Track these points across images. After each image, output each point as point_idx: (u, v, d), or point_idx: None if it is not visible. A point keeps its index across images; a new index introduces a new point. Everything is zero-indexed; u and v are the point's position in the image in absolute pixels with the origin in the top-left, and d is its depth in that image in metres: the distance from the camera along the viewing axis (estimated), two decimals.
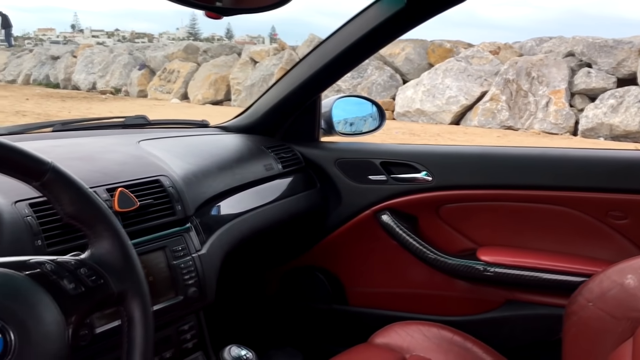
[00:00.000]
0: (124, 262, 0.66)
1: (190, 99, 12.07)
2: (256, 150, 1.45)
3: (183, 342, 1.01)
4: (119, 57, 14.60)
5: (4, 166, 0.60)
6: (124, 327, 0.65)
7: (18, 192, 0.84)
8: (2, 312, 0.52)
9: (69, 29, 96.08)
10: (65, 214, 0.65)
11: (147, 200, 0.99)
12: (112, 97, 13.21)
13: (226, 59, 12.45)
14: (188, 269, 1.00)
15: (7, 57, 17.90)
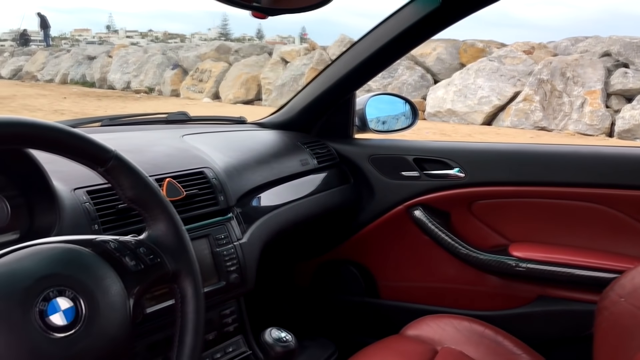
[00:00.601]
0: (178, 243, 0.71)
1: (222, 99, 12.24)
2: (292, 146, 1.50)
3: (225, 325, 1.06)
4: (152, 57, 14.89)
5: (73, 152, 0.66)
6: (177, 303, 0.71)
7: (76, 180, 0.90)
8: (74, 283, 0.58)
9: (104, 30, 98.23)
10: (126, 198, 0.70)
11: (193, 191, 1.04)
12: (145, 96, 13.49)
13: (257, 58, 12.58)
14: (230, 256, 1.05)
15: (45, 57, 18.44)
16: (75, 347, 0.55)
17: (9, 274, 0.55)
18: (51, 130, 0.64)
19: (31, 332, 0.53)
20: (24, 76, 18.25)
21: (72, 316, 0.56)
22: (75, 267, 0.59)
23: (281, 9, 0.89)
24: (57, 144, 0.64)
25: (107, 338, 0.58)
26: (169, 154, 1.12)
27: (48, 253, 0.59)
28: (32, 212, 0.84)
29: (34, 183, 0.83)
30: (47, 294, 0.55)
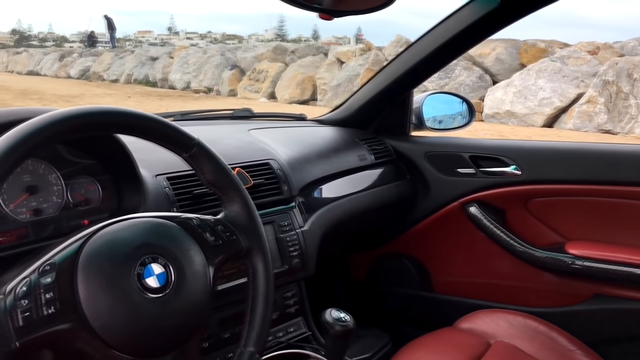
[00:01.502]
0: (251, 223, 0.79)
1: (278, 99, 12.44)
2: (351, 142, 1.56)
3: (287, 307, 1.13)
4: (211, 58, 15.31)
5: (163, 139, 0.74)
6: (249, 278, 0.78)
7: (158, 167, 1.00)
8: (165, 252, 0.66)
9: (166, 31, 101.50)
10: (206, 181, 0.78)
11: (259, 180, 1.12)
12: (204, 95, 13.89)
13: (313, 59, 12.71)
14: (292, 242, 1.12)
15: (111, 58, 19.28)
16: (166, 306, 0.63)
17: (113, 242, 0.64)
18: (146, 119, 0.72)
19: (131, 291, 0.61)
20: (91, 76, 19.14)
21: (163, 280, 0.64)
22: (166, 238, 0.68)
23: (345, 10, 0.95)
24: (150, 131, 0.73)
25: (192, 302, 0.66)
26: (238, 146, 1.20)
27: (144, 225, 0.68)
28: (121, 195, 0.94)
29: (123, 169, 0.93)
30: (144, 259, 0.64)
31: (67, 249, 0.61)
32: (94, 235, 0.63)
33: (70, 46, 41.84)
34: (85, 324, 0.58)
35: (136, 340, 0.61)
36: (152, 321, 0.62)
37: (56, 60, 21.78)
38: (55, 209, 0.88)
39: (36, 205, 0.86)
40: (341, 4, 0.95)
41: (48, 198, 0.88)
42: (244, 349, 0.73)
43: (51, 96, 12.74)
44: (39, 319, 0.56)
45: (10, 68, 24.00)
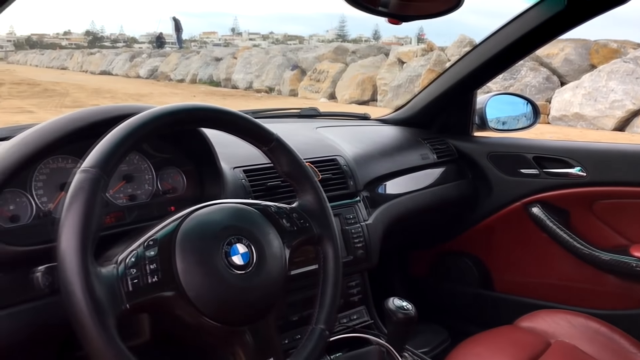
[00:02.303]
0: (322, 213, 0.85)
1: (337, 99, 12.53)
2: (413, 141, 1.60)
3: (350, 295, 1.20)
4: (273, 58, 15.60)
5: (245, 133, 0.82)
6: (320, 263, 0.85)
7: (235, 160, 1.09)
8: (248, 234, 0.74)
9: (229, 32, 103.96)
10: (283, 173, 0.86)
11: (327, 175, 1.19)
12: (266, 95, 14.18)
13: (374, 59, 12.72)
14: (357, 234, 1.18)
15: (177, 59, 20.02)
16: (249, 282, 0.71)
17: (204, 223, 0.72)
18: (232, 115, 0.80)
19: (220, 266, 0.69)
20: (159, 76, 19.94)
21: (246, 259, 0.72)
22: (249, 222, 0.76)
23: (413, 15, 0.99)
24: (235, 126, 0.81)
25: (271, 280, 0.74)
26: (307, 143, 1.28)
27: (230, 210, 0.76)
28: (202, 184, 1.03)
29: (205, 161, 1.02)
30: (230, 239, 0.72)
31: (166, 227, 0.70)
32: (189, 217, 0.72)
33: (139, 47, 43.63)
34: (182, 293, 0.66)
35: (223, 310, 0.69)
36: (237, 294, 0.70)
37: (127, 61, 22.83)
38: (147, 196, 0.99)
39: (131, 191, 0.97)
40: (408, 9, 0.99)
41: (141, 186, 0.98)
42: (315, 327, 0.80)
43: (122, 95, 13.38)
44: (144, 286, 0.65)
45: (85, 68, 25.35)
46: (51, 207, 0.88)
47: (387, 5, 0.95)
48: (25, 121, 1.11)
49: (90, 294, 0.59)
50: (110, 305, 0.61)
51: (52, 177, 0.89)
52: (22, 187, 0.85)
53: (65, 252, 0.60)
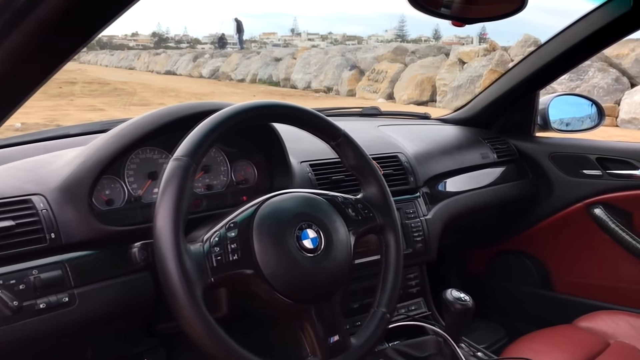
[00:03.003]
0: (385, 204, 0.91)
1: (396, 99, 12.47)
2: (474, 140, 1.62)
3: (409, 287, 1.25)
4: (332, 58, 15.69)
5: (315, 128, 0.89)
6: (381, 251, 0.90)
7: (302, 155, 1.16)
8: (317, 221, 0.80)
9: (288, 33, 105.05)
10: (349, 166, 0.92)
11: (388, 170, 1.24)
12: (324, 95, 14.29)
13: (433, 59, 12.58)
14: (417, 228, 1.23)
15: (238, 59, 20.46)
16: (317, 264, 0.78)
17: (278, 209, 0.79)
18: (304, 112, 0.87)
19: (292, 248, 0.76)
20: (220, 76, 20.46)
21: (316, 243, 0.79)
22: (318, 210, 0.82)
23: (476, 17, 1.02)
24: (307, 122, 0.88)
25: (337, 263, 0.80)
26: (369, 140, 1.33)
27: (301, 198, 0.83)
28: (272, 176, 1.11)
29: (275, 155, 1.10)
30: (301, 225, 0.79)
31: (245, 212, 0.78)
32: (264, 203, 0.79)
33: (202, 48, 44.89)
34: (259, 271, 0.74)
35: (294, 288, 0.76)
36: (307, 274, 0.76)
37: (190, 61, 23.54)
38: (222, 186, 1.07)
39: (208, 181, 1.06)
40: (471, 12, 1.02)
41: (217, 176, 1.07)
42: (377, 309, 0.86)
43: (186, 94, 13.84)
44: (226, 263, 0.72)
45: (151, 68, 26.33)
46: (140, 193, 0.98)
47: (450, 8, 0.99)
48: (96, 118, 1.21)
49: (181, 266, 0.67)
50: (198, 278, 0.69)
51: (142, 166, 0.99)
52: (117, 175, 0.95)
53: (161, 230, 0.69)
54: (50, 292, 0.80)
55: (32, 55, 0.57)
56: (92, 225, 0.86)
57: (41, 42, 0.55)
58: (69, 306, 0.81)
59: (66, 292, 0.82)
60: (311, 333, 0.77)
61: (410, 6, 0.97)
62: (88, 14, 0.54)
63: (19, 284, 0.78)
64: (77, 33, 0.57)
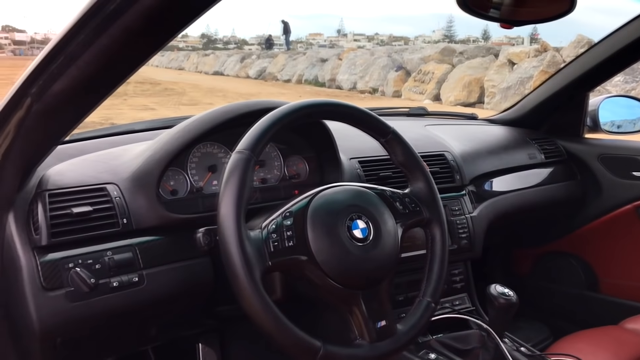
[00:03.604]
0: (432, 199, 0.95)
1: (442, 100, 12.35)
2: (521, 141, 1.63)
3: (453, 282, 1.28)
4: (378, 59, 15.66)
5: (366, 126, 0.94)
6: (427, 244, 0.94)
7: (352, 152, 1.21)
8: (367, 212, 0.85)
9: (335, 34, 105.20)
10: (397, 162, 0.96)
11: (435, 168, 1.28)
12: (369, 96, 14.28)
13: (482, 60, 12.38)
14: (462, 225, 1.26)
15: (285, 60, 20.68)
16: (366, 253, 0.82)
17: (331, 201, 0.84)
18: (356, 110, 0.92)
19: (343, 237, 0.81)
20: (266, 76, 20.73)
21: (365, 233, 0.83)
22: (368, 202, 0.87)
23: (526, 20, 1.04)
24: (358, 119, 0.93)
25: (385, 253, 0.84)
26: (416, 139, 1.37)
27: (352, 191, 0.88)
28: (323, 172, 1.17)
29: (326, 151, 1.15)
30: (352, 216, 0.83)
31: (300, 202, 0.83)
32: (318, 195, 0.85)
33: (249, 48, 45.56)
34: (312, 258, 0.79)
35: (344, 274, 0.80)
36: (357, 262, 0.81)
37: (238, 62, 23.96)
38: (276, 180, 1.14)
39: (263, 175, 1.12)
40: (520, 14, 1.04)
41: (271, 171, 1.14)
42: (422, 299, 0.90)
43: (233, 94, 14.12)
44: (283, 249, 0.78)
45: (200, 69, 26.93)
46: (202, 185, 1.05)
47: (499, 10, 1.01)
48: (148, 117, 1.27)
49: (243, 250, 0.74)
50: (257, 261, 0.75)
51: (203, 160, 1.06)
52: (181, 167, 1.03)
53: (224, 216, 0.75)
54: (122, 272, 0.88)
55: (114, 58, 0.64)
56: (159, 213, 0.94)
57: (124, 46, 0.62)
58: (138, 285, 0.89)
59: (136, 273, 0.90)
60: (359, 317, 0.82)
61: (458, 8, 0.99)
62: (167, 19, 0.61)
63: (95, 263, 0.86)
64: (155, 38, 0.64)
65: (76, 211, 0.88)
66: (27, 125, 0.73)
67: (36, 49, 71.38)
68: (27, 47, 72.68)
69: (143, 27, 0.59)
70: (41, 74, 0.67)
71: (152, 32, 0.61)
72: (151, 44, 0.64)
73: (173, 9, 0.58)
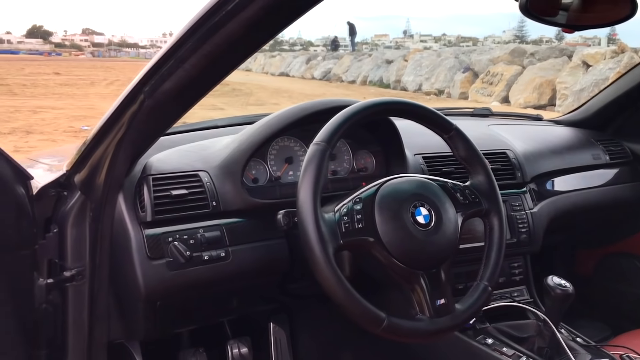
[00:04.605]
0: (491, 191, 1.02)
1: (511, 103, 12.06)
2: (585, 142, 1.66)
3: (512, 275, 1.34)
4: (445, 60, 15.46)
5: (431, 123, 1.02)
6: (486, 232, 1.01)
7: (416, 148, 1.29)
8: (429, 201, 0.94)
9: (401, 35, 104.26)
10: (459, 157, 1.04)
11: (496, 165, 1.34)
12: (435, 98, 14.14)
13: (554, 62, 11.99)
14: (522, 220, 1.32)
15: (350, 61, 20.78)
16: (428, 237, 0.91)
17: (397, 189, 0.94)
18: (422, 108, 1.01)
19: (408, 222, 0.90)
20: (331, 78, 20.91)
21: (427, 220, 0.92)
22: (430, 192, 0.95)
23: (587, 25, 1.08)
24: (423, 117, 1.01)
25: (445, 238, 0.93)
26: (479, 137, 1.43)
27: (416, 181, 0.97)
28: (389, 166, 1.26)
29: (393, 146, 1.24)
30: (415, 203, 0.92)
31: (369, 190, 0.93)
32: (385, 184, 0.94)
33: (314, 50, 45.98)
34: (379, 239, 0.89)
35: (408, 255, 0.89)
36: (419, 244, 0.90)
37: (303, 63, 24.30)
38: (345, 172, 1.24)
39: (334, 167, 1.23)
40: (585, 19, 1.08)
41: (342, 164, 1.24)
42: (479, 282, 0.97)
43: (299, 95, 14.37)
44: (353, 230, 0.88)
45: (266, 70, 27.52)
46: (279, 174, 1.17)
47: (564, 16, 1.06)
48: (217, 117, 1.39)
49: (318, 229, 0.84)
50: (331, 239, 0.85)
51: (280, 152, 1.18)
52: (262, 158, 1.16)
53: (303, 200, 0.86)
54: (212, 247, 1.02)
55: (215, 62, 0.75)
56: (243, 197, 1.07)
57: (224, 51, 0.74)
58: (225, 260, 1.02)
59: (223, 249, 1.03)
60: (420, 295, 0.90)
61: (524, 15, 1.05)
62: (262, 28, 0.72)
63: (190, 239, 1.00)
64: (250, 44, 0.75)
65: (174, 193, 1.02)
66: (138, 119, 0.86)
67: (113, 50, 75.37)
68: (104, 49, 76.62)
69: (241, 35, 0.70)
70: (154, 75, 0.79)
71: (248, 39, 0.73)
72: (247, 49, 0.75)
73: (268, 20, 0.69)
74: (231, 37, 0.70)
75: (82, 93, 13.50)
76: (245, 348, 1.41)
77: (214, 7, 0.67)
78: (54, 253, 0.98)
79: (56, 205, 0.99)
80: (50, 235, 0.97)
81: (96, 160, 0.92)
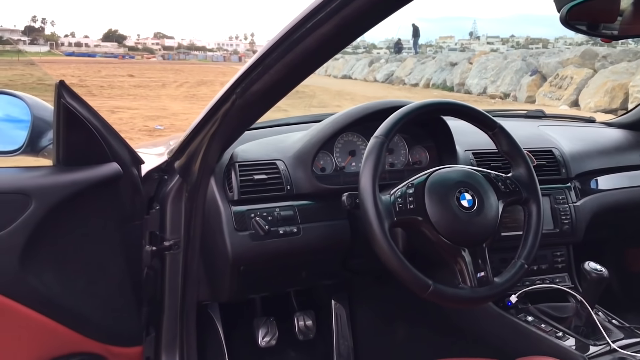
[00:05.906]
0: (531, 181, 1.16)
1: (581, 107, 11.70)
2: (634, 143, 1.74)
3: (555, 262, 1.45)
4: (511, 63, 15.16)
5: (477, 121, 1.17)
6: (525, 218, 1.15)
7: (466, 145, 1.43)
8: (473, 188, 1.09)
9: (467, 36, 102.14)
10: (502, 151, 1.18)
11: (542, 162, 1.46)
12: (500, 101, 13.89)
13: (628, 65, 11.53)
14: (565, 212, 1.44)
15: (413, 63, 20.70)
16: (471, 218, 1.06)
17: (445, 177, 1.09)
18: (469, 108, 1.16)
19: (453, 205, 1.06)
20: (394, 80, 20.91)
21: (471, 204, 1.07)
22: (475, 181, 1.10)
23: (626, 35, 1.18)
24: (470, 116, 1.17)
25: (486, 220, 1.07)
26: (526, 136, 1.55)
27: (462, 171, 1.12)
28: (441, 160, 1.41)
29: (445, 142, 1.40)
30: (460, 189, 1.08)
31: (420, 177, 1.10)
32: (434, 172, 1.10)
33: (377, 52, 45.90)
34: (428, 219, 1.05)
35: (453, 233, 1.05)
36: (463, 225, 1.05)
37: (366, 66, 24.41)
38: (401, 165, 1.41)
39: (391, 160, 1.40)
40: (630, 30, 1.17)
41: (398, 157, 1.41)
42: (517, 260, 1.11)
43: (361, 97, 14.50)
44: (406, 210, 1.05)
45: (329, 72, 27.82)
46: (343, 165, 1.36)
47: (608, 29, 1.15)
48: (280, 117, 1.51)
49: (376, 207, 1.01)
50: (387, 216, 1.02)
51: (345, 146, 1.37)
52: (329, 150, 1.34)
53: (365, 184, 1.03)
54: (286, 224, 1.21)
55: (294, 69, 0.93)
56: (312, 183, 1.26)
57: (302, 60, 0.91)
58: (297, 235, 1.22)
59: (295, 226, 1.22)
60: (463, 268, 1.05)
61: None
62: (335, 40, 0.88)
63: (268, 216, 1.20)
64: (324, 53, 0.92)
65: (256, 178, 1.22)
66: (230, 115, 1.05)
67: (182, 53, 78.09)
68: (174, 52, 79.47)
69: (317, 47, 0.87)
70: (245, 79, 0.98)
71: (323, 50, 0.90)
72: (321, 58, 0.93)
73: (341, 34, 0.86)
74: (308, 49, 0.87)
75: (155, 94, 14.24)
76: (310, 321, 1.61)
77: (297, 25, 0.84)
78: (155, 226, 1.20)
79: (158, 187, 1.21)
80: (153, 212, 1.19)
81: (193, 149, 1.13)
